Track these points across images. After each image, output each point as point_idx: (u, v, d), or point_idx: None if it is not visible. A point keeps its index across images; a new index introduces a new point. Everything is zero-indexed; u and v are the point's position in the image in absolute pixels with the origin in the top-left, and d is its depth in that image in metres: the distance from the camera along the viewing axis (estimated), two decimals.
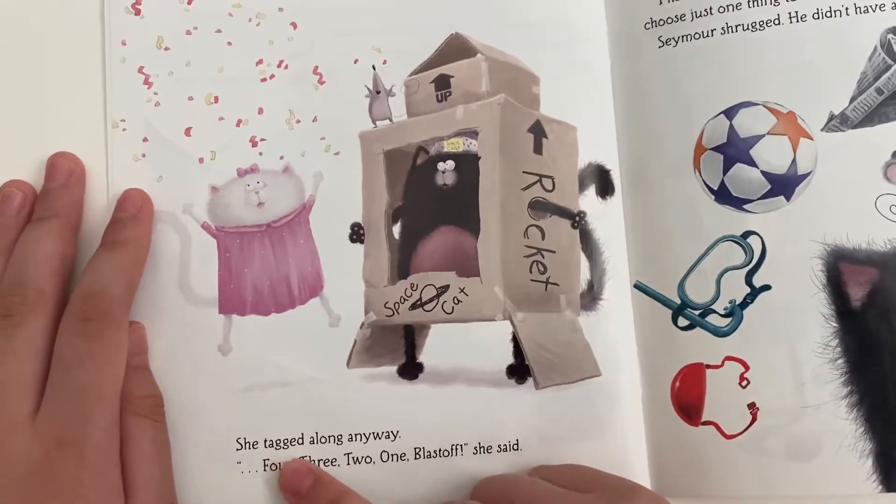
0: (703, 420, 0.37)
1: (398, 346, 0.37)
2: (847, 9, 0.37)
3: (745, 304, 0.37)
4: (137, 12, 0.38)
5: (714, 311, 0.37)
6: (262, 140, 0.38)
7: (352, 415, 0.36)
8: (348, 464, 0.36)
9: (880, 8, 0.37)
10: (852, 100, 0.36)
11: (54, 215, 0.35)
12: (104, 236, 0.35)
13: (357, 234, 0.37)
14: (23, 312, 0.32)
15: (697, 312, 0.38)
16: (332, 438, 0.36)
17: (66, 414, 0.31)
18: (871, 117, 0.36)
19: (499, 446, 0.37)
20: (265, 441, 0.36)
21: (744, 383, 0.37)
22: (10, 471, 0.30)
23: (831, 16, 0.37)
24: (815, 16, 0.37)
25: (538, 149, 0.38)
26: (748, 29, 0.37)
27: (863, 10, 0.37)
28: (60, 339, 0.32)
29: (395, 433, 0.36)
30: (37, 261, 0.33)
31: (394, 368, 0.37)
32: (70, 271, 0.35)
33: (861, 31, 0.36)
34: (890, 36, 0.36)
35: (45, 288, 0.33)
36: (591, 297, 0.38)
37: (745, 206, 0.37)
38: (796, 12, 0.37)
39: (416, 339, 0.37)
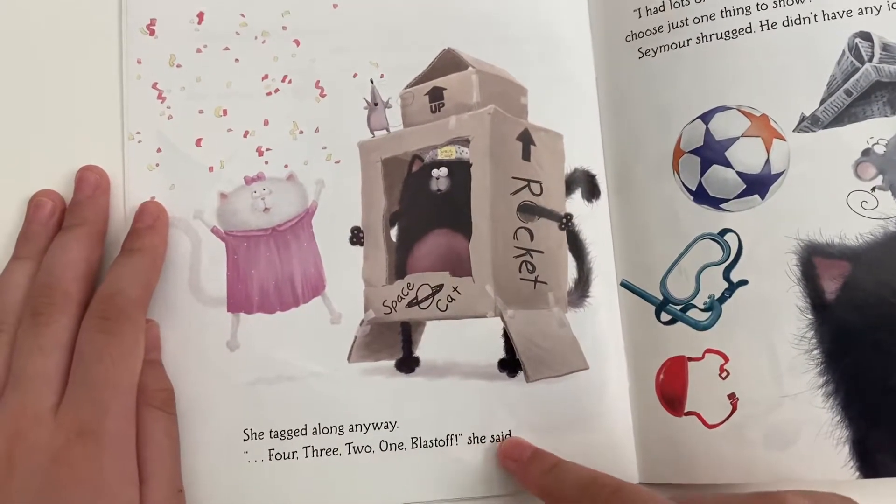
0: (686, 410, 0.38)
1: (396, 342, 0.39)
2: (815, 15, 0.38)
3: (723, 298, 0.38)
4: (152, 33, 0.40)
5: (694, 306, 0.39)
6: (267, 150, 0.40)
7: (352, 407, 0.38)
8: (349, 453, 0.38)
9: (847, 13, 0.38)
10: (822, 102, 0.37)
11: (81, 223, 0.37)
12: (124, 244, 0.38)
13: (357, 236, 0.40)
14: (50, 312, 0.34)
15: (679, 307, 0.39)
16: (333, 429, 0.38)
17: (86, 405, 0.33)
18: (841, 118, 0.37)
19: (492, 436, 0.38)
20: (270, 432, 0.38)
21: (724, 375, 0.38)
22: (34, 460, 0.32)
23: (800, 23, 0.38)
24: (785, 23, 0.38)
25: (526, 155, 0.40)
26: (721, 37, 0.39)
27: (830, 16, 0.38)
28: (81, 335, 0.34)
29: (393, 424, 0.38)
30: (64, 265, 0.36)
31: (392, 362, 0.39)
32: (95, 275, 0.37)
33: (829, 36, 0.38)
34: (857, 40, 0.37)
35: (70, 289, 0.35)
36: (578, 294, 0.40)
37: (721, 206, 0.38)
38: (767, 20, 0.39)
39: (412, 335, 0.39)
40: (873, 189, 0.37)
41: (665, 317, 0.39)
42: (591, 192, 0.40)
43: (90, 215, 0.38)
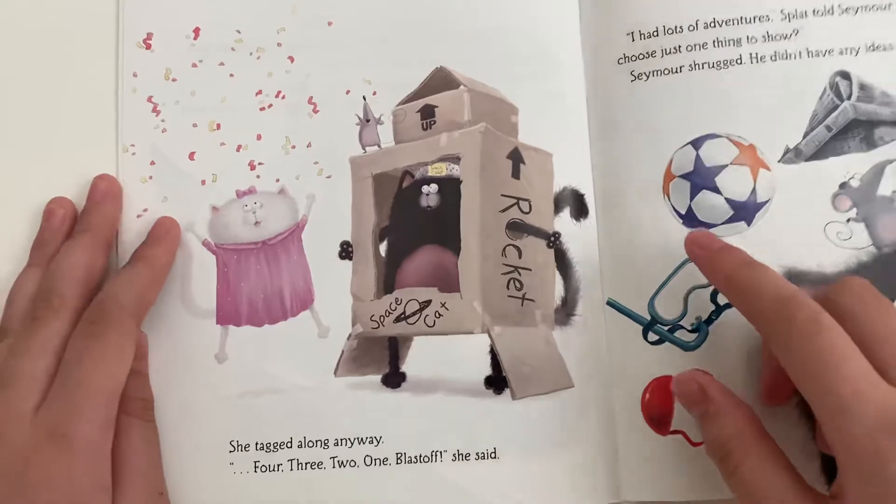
0: (671, 429, 0.38)
1: (383, 357, 0.39)
2: (801, 52, 0.39)
3: (710, 320, 0.39)
4: (148, 47, 0.41)
5: (682, 327, 0.39)
6: (259, 164, 0.40)
7: (338, 421, 0.38)
8: (333, 467, 0.38)
9: (829, 53, 0.39)
10: (805, 135, 0.39)
11: (86, 230, 0.38)
12: (131, 256, 0.38)
13: (346, 251, 0.40)
14: (45, 316, 0.34)
15: (666, 328, 0.39)
16: (318, 443, 0.38)
17: (61, 408, 0.32)
18: (822, 151, 0.38)
19: (477, 454, 0.38)
20: (256, 444, 0.38)
21: None
22: (9, 462, 0.31)
23: (787, 58, 0.39)
24: (773, 58, 0.39)
25: (516, 174, 0.41)
26: (713, 67, 0.40)
27: (814, 53, 0.39)
28: (70, 340, 0.34)
29: (378, 439, 0.38)
30: (63, 270, 0.36)
31: (378, 377, 0.39)
32: (96, 282, 0.37)
33: (813, 73, 0.39)
34: (838, 79, 0.39)
35: (66, 293, 0.35)
36: (564, 312, 0.40)
37: (710, 231, 0.39)
38: (756, 53, 0.39)
39: (399, 351, 0.40)
40: (848, 221, 0.38)
41: (652, 337, 0.39)
42: (580, 210, 0.40)
43: (95, 222, 0.38)
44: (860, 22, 0.39)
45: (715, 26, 0.40)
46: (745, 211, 0.39)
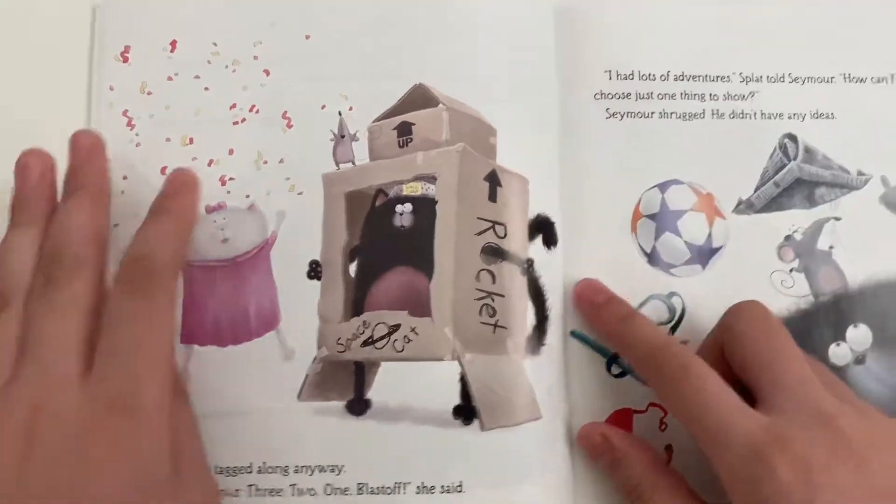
0: None
1: (348, 382, 0.38)
2: (756, 113, 0.42)
3: None
4: (125, 60, 0.40)
5: None
6: (230, 179, 0.40)
7: (299, 447, 0.37)
8: (293, 495, 0.37)
9: (780, 116, 0.42)
10: (756, 189, 0.41)
11: (82, 188, 0.34)
12: (150, 208, 0.35)
13: (315, 270, 0.39)
14: (62, 276, 0.31)
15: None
16: (278, 469, 0.37)
17: (119, 375, 0.29)
18: (770, 205, 0.41)
19: (442, 486, 0.37)
20: (215, 468, 0.37)
21: (663, 427, 0.39)
22: (59, 431, 0.28)
23: (744, 118, 0.42)
24: (731, 115, 0.41)
25: (493, 196, 0.39)
26: (679, 118, 0.41)
27: (767, 115, 0.42)
28: (109, 302, 0.31)
29: (339, 468, 0.37)
30: (70, 230, 0.33)
31: (342, 403, 0.38)
32: (106, 239, 0.34)
33: (765, 133, 0.41)
34: (786, 140, 0.41)
35: (81, 253, 0.32)
36: (535, 341, 0.38)
37: (671, 270, 0.40)
38: (717, 110, 0.41)
39: (365, 376, 0.38)
40: (791, 270, 0.40)
41: (616, 370, 0.39)
42: (551, 238, 0.39)
43: (90, 179, 0.35)
44: (807, 91, 0.42)
45: (684, 80, 0.42)
46: (701, 255, 0.40)
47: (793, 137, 0.41)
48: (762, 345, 0.33)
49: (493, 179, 0.39)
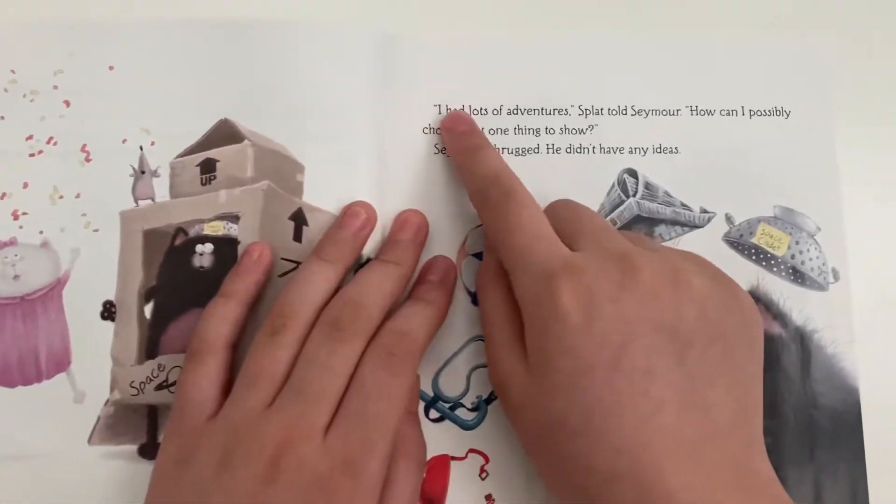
0: None
1: (141, 426, 0.37)
2: (594, 147, 0.40)
3: (490, 399, 0.38)
4: None
5: (463, 405, 0.38)
6: (23, 214, 0.38)
7: (89, 492, 0.36)
8: None
9: (620, 151, 0.40)
10: None
11: (399, 263, 0.36)
12: (417, 292, 0.37)
13: (109, 311, 0.38)
14: (351, 330, 0.33)
15: (448, 405, 0.38)
16: None
17: (356, 438, 0.31)
18: None
19: None
20: None
21: (483, 475, 0.37)
22: (298, 475, 0.30)
23: (581, 152, 0.40)
24: (568, 150, 0.40)
25: (298, 237, 0.38)
26: (513, 153, 0.40)
27: (606, 150, 0.40)
28: (364, 366, 0.32)
29: None
30: (377, 291, 0.35)
31: (135, 448, 0.37)
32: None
33: (603, 168, 0.40)
34: (626, 176, 0.40)
35: (374, 316, 0.34)
36: None
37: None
38: (553, 144, 0.40)
39: (158, 420, 0.37)
40: None
41: (434, 414, 0.38)
42: None
43: (408, 259, 0.37)
44: (650, 124, 0.40)
45: (518, 113, 0.40)
46: None
47: (633, 173, 0.40)
48: (574, 213, 0.35)
49: (300, 219, 0.38)
